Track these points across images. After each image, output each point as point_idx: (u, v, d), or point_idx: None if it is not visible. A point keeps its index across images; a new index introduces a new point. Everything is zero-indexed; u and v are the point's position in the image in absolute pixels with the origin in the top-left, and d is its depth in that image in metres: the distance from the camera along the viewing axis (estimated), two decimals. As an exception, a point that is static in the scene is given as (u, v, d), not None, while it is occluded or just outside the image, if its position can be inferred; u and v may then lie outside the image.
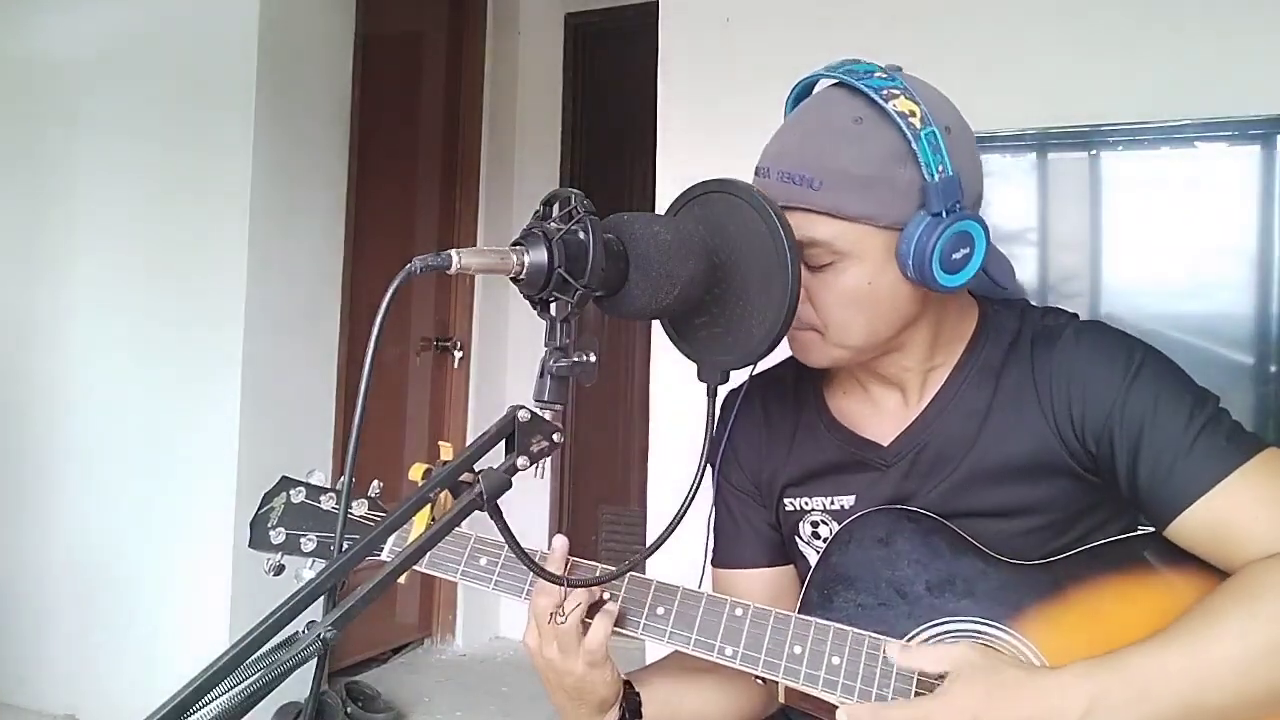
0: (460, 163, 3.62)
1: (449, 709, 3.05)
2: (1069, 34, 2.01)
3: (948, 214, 0.91)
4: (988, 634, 0.96)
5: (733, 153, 1.70)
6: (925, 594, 0.98)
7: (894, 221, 0.93)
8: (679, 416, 2.24)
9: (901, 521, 1.01)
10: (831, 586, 1.01)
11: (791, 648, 0.96)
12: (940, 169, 0.91)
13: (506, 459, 0.76)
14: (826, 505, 1.09)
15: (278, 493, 1.11)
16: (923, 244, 0.91)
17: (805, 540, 1.11)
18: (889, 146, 0.92)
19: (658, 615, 1.00)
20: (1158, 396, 0.94)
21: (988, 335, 1.04)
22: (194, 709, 0.57)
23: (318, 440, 2.86)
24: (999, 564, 0.98)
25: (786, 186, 0.94)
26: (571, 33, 3.79)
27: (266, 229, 2.68)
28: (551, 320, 0.77)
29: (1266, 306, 1.78)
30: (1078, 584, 0.96)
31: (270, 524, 1.08)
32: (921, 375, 1.04)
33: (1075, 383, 0.97)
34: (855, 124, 0.93)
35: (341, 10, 2.94)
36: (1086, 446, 0.96)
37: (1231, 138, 1.83)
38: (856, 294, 0.96)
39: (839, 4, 2.20)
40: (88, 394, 2.83)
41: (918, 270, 0.92)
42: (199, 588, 2.63)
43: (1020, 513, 0.99)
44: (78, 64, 2.89)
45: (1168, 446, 0.92)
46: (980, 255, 0.95)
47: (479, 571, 1.04)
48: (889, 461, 1.05)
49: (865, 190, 0.92)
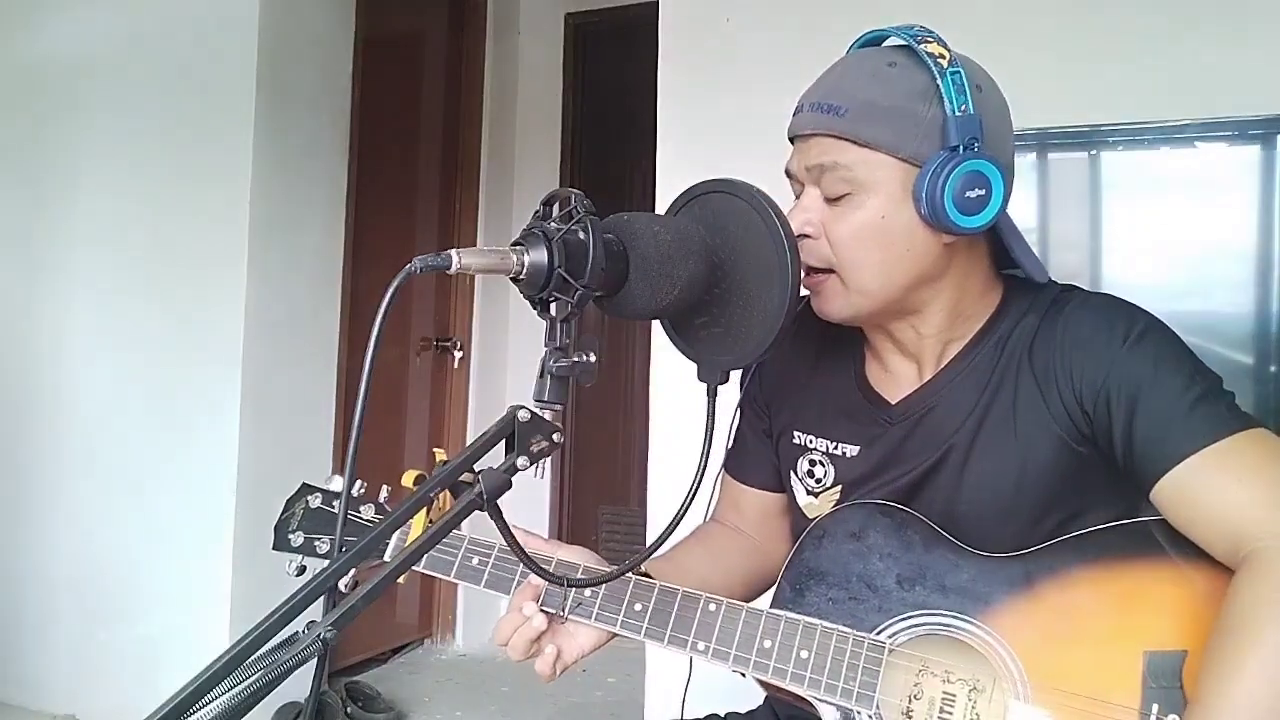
0: (460, 163, 3.62)
1: (449, 709, 3.05)
2: (1069, 34, 2.01)
3: (965, 150, 0.93)
4: (957, 628, 0.96)
5: (733, 153, 1.70)
6: (895, 588, 0.99)
7: (913, 155, 0.95)
8: (679, 416, 2.24)
9: (875, 516, 1.02)
10: (804, 581, 1.02)
11: (762, 642, 0.98)
12: (963, 107, 0.93)
13: (506, 459, 0.76)
14: (829, 448, 1.11)
15: (299, 498, 1.16)
16: (936, 176, 0.93)
17: (799, 477, 1.13)
18: (917, 84, 0.95)
19: (635, 611, 1.01)
20: (1158, 360, 0.95)
21: (1006, 312, 1.05)
22: (194, 709, 0.57)
23: (318, 440, 2.86)
24: (971, 557, 0.98)
25: (815, 115, 0.98)
26: (571, 33, 3.79)
27: (266, 229, 2.68)
28: (551, 320, 0.77)
29: (1266, 306, 1.78)
30: (1049, 576, 0.96)
31: (291, 528, 1.14)
32: (939, 346, 1.05)
33: (1076, 349, 0.98)
34: (889, 67, 0.97)
35: (341, 10, 2.94)
36: (1084, 408, 0.97)
37: (1231, 138, 1.83)
38: (870, 227, 0.97)
39: (838, 4, 2.20)
40: (88, 394, 2.83)
41: (930, 204, 0.93)
42: (199, 588, 2.63)
43: (1008, 488, 1.00)
44: (78, 63, 2.88)
45: (1164, 407, 0.93)
46: (997, 201, 0.95)
47: (471, 570, 1.06)
48: (894, 420, 1.07)
49: (887, 119, 0.95)
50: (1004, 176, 0.95)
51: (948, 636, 0.95)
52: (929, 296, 1.02)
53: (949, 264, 1.00)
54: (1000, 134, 0.99)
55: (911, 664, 0.96)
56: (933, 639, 0.96)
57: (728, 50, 2.31)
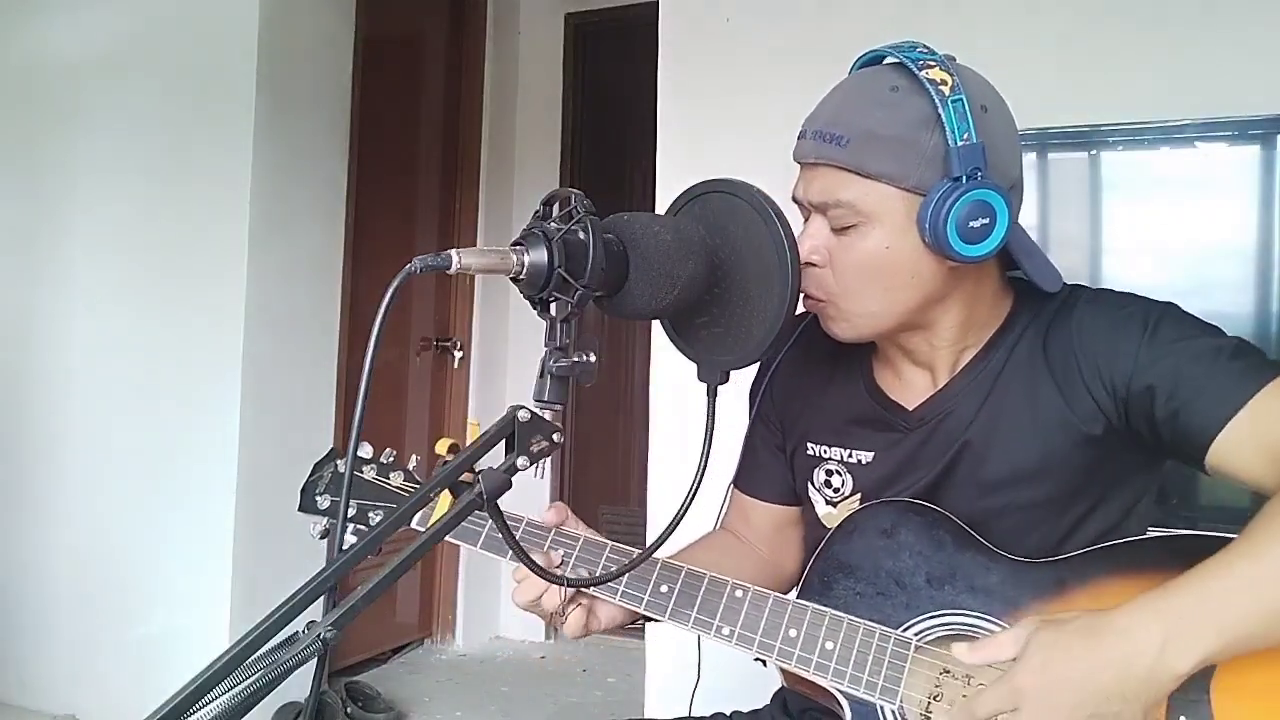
0: (460, 163, 3.62)
1: (449, 709, 3.05)
2: (1069, 34, 2.01)
3: (967, 180, 0.93)
4: (985, 629, 0.96)
5: (733, 153, 1.70)
6: (924, 585, 0.99)
7: (916, 185, 0.95)
8: (679, 416, 2.24)
9: (907, 514, 1.02)
10: (832, 574, 1.03)
11: (787, 631, 0.99)
12: (965, 136, 0.93)
13: (506, 459, 0.76)
14: (844, 457, 1.11)
15: (327, 463, 1.17)
16: (939, 207, 0.93)
17: (817, 488, 1.14)
18: (918, 112, 0.94)
19: (661, 593, 1.02)
20: (1182, 337, 0.96)
21: (1019, 316, 1.06)
22: (194, 709, 0.57)
23: (318, 440, 2.86)
24: (1002, 560, 0.98)
25: (818, 144, 0.98)
26: (571, 33, 3.79)
27: (266, 229, 2.68)
28: (551, 320, 0.77)
29: (1266, 306, 1.78)
30: (1080, 583, 0.96)
31: (319, 490, 1.14)
32: (953, 354, 1.06)
33: (1099, 344, 0.99)
34: (891, 92, 0.96)
35: (341, 11, 2.94)
36: (1117, 399, 0.97)
37: (1231, 138, 1.83)
38: (874, 258, 0.97)
39: (839, 4, 2.20)
40: (88, 393, 2.83)
41: (933, 234, 0.94)
42: (199, 588, 2.62)
43: (1030, 484, 1.01)
44: (78, 64, 2.88)
45: (1202, 373, 0.93)
46: (1002, 229, 0.95)
47: (495, 541, 1.07)
48: (911, 426, 1.07)
49: (890, 150, 0.95)
50: (1008, 201, 0.95)
51: (974, 638, 0.95)
52: (938, 314, 1.03)
53: (957, 284, 1.01)
54: (1006, 154, 0.98)
55: (934, 666, 0.96)
56: (959, 639, 0.96)
57: (728, 50, 2.31)
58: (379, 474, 1.14)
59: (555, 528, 1.08)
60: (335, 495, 1.14)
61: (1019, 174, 1.01)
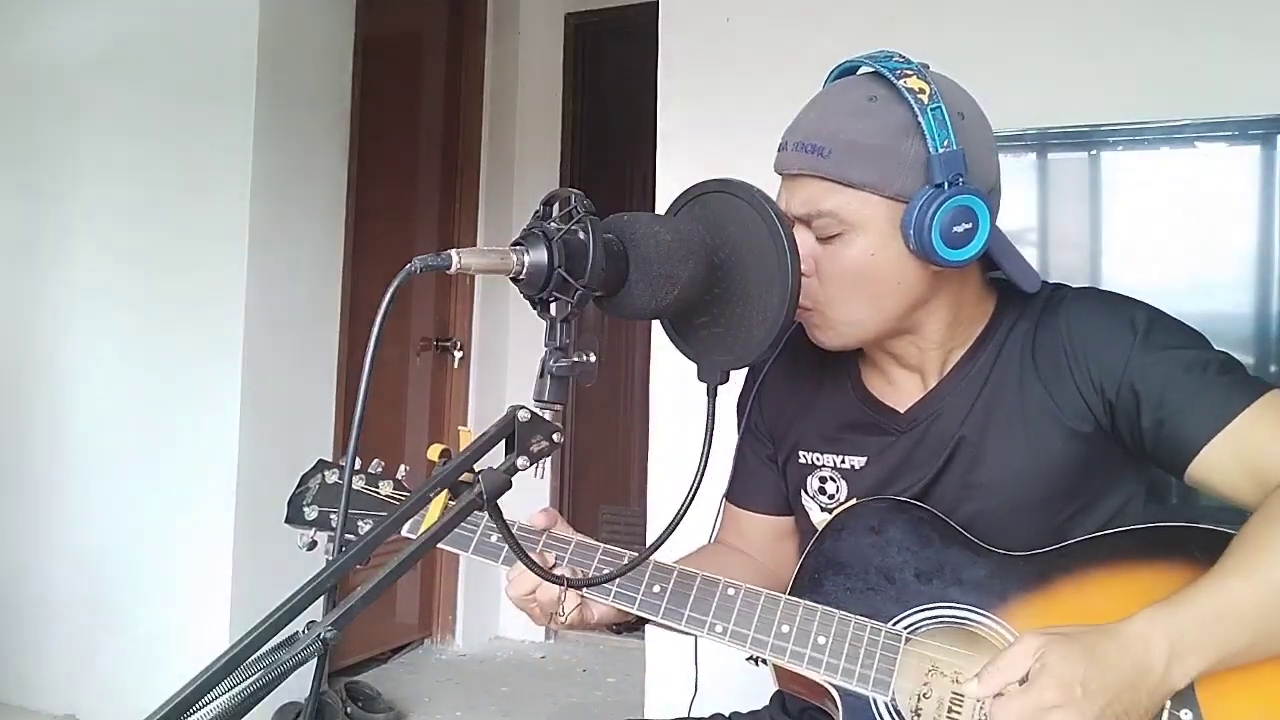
0: (460, 163, 3.62)
1: (449, 709, 3.05)
2: (1069, 34, 2.01)
3: (950, 186, 0.94)
4: (974, 620, 0.98)
5: (733, 153, 1.70)
6: (913, 580, 1.01)
7: (899, 193, 0.96)
8: (679, 416, 2.24)
9: (894, 512, 1.04)
10: (822, 571, 1.04)
11: (780, 627, 1.00)
12: (946, 143, 0.94)
13: (506, 459, 0.76)
14: (837, 463, 1.12)
15: (314, 474, 1.17)
16: (923, 213, 0.94)
17: (810, 495, 1.14)
18: (898, 121, 0.96)
19: (654, 593, 1.03)
20: (1172, 345, 0.97)
21: (1003, 315, 1.07)
22: (194, 709, 0.57)
23: (318, 440, 2.86)
24: (988, 554, 1.00)
25: (800, 155, 0.99)
26: (571, 33, 3.79)
27: (266, 229, 2.68)
28: (551, 320, 0.77)
29: (1266, 306, 1.78)
30: (1064, 575, 0.98)
31: (305, 501, 1.15)
32: (941, 355, 1.07)
33: (1088, 343, 1.00)
34: (869, 101, 0.98)
35: (341, 11, 2.94)
36: (1105, 399, 0.99)
37: (1231, 138, 1.83)
38: (860, 266, 0.99)
39: (839, 4, 2.20)
40: (88, 393, 2.83)
41: (918, 240, 0.95)
42: (199, 588, 2.62)
43: (1021, 484, 1.02)
44: (78, 63, 2.88)
45: (1190, 386, 0.95)
46: (984, 234, 0.96)
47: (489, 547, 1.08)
48: (903, 428, 1.08)
49: (871, 159, 0.96)
50: (989, 204, 0.97)
51: (964, 629, 0.97)
52: (923, 317, 1.04)
53: (941, 287, 1.03)
54: (984, 159, 1.00)
55: (922, 662, 0.97)
56: (949, 631, 0.98)
57: (728, 50, 2.31)
58: (368, 483, 1.14)
59: (546, 531, 1.08)
60: (323, 506, 1.15)
61: (996, 177, 1.03)
